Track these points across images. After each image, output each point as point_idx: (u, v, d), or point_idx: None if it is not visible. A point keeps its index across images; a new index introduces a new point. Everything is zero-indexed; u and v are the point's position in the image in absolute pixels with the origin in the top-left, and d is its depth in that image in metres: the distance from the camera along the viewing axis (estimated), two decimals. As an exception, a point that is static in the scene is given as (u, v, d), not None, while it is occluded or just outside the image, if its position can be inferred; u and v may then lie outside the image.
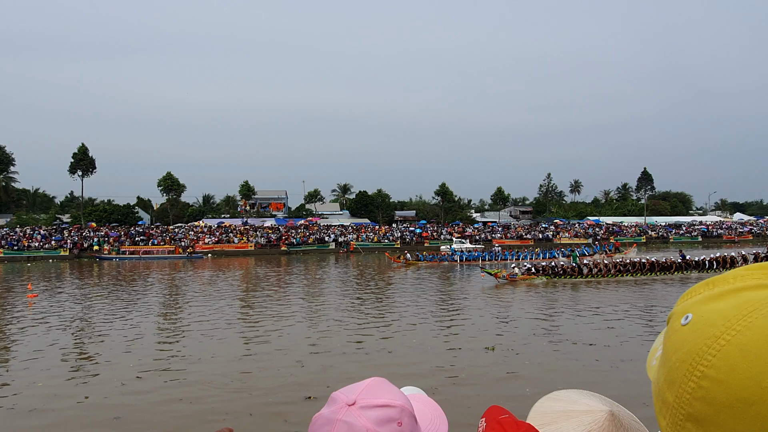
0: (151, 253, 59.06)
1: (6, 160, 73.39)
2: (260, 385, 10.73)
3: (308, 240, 67.04)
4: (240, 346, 14.57)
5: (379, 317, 18.99)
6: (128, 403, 9.79)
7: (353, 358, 13.07)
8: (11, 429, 8.67)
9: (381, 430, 1.01)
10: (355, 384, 1.11)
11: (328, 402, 1.08)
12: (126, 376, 11.51)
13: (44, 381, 11.38)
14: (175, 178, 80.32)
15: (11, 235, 61.07)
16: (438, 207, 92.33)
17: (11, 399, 10.27)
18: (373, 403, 1.04)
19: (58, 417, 9.15)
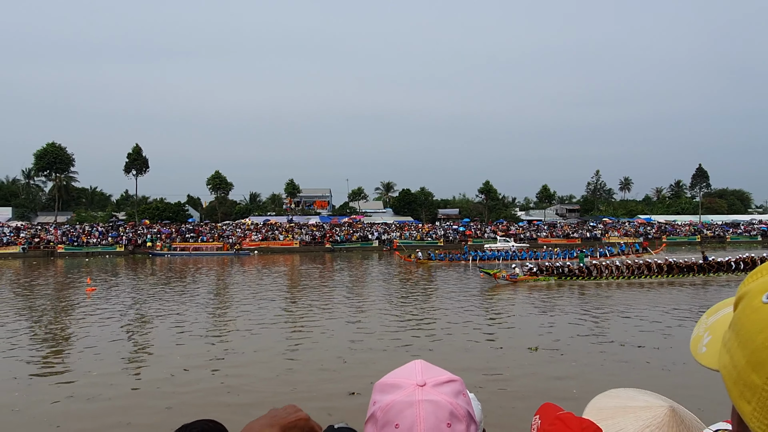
0: (200, 249, 60.92)
1: (67, 161, 77.05)
2: (304, 380, 10.91)
3: (352, 238, 67.60)
4: (284, 341, 14.85)
5: (419, 315, 18.98)
6: (178, 394, 10.14)
7: (394, 355, 13.10)
8: (70, 416, 9.12)
9: (457, 401, 1.04)
10: (400, 369, 1.11)
11: (384, 389, 1.07)
12: (175, 368, 11.92)
13: (99, 370, 11.91)
14: (223, 176, 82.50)
15: (72, 232, 64.24)
16: (482, 205, 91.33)
17: (70, 387, 10.81)
18: (441, 380, 1.06)
19: (113, 405, 9.57)
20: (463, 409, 1.05)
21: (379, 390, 1.09)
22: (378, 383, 1.10)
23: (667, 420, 1.19)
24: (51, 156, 74.80)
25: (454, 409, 1.03)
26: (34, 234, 62.80)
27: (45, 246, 59.92)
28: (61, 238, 61.66)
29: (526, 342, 14.25)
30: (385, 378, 1.10)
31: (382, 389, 1.08)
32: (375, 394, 1.09)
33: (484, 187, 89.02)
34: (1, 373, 11.71)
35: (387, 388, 1.07)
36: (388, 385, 1.08)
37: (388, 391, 1.07)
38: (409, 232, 71.79)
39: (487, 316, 18.66)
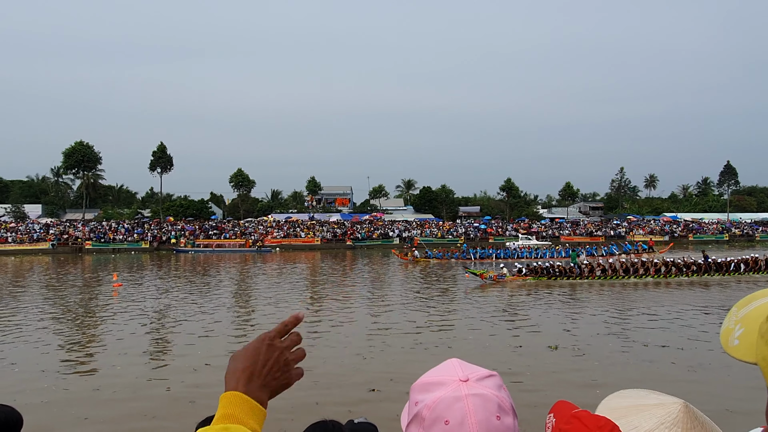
0: (223, 246, 61.72)
1: (94, 159, 78.69)
2: (325, 377, 11.02)
3: (373, 235, 67.77)
4: (304, 336, 14.98)
5: (436, 313, 18.97)
6: (201, 388, 10.33)
7: (413, 353, 13.13)
8: (97, 408, 9.37)
9: (502, 394, 1.05)
10: (437, 368, 1.11)
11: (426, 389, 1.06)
12: (198, 363, 12.14)
13: (123, 364, 12.18)
14: (245, 174, 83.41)
15: (99, 229, 65.68)
16: (503, 203, 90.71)
17: (96, 380, 11.08)
18: (482, 375, 1.07)
19: (138, 398, 9.79)
20: (508, 402, 1.05)
21: (420, 390, 1.08)
22: (417, 384, 1.09)
23: (681, 416, 1.17)
24: (79, 154, 76.47)
25: (501, 402, 1.03)
26: (63, 231, 64.35)
27: (73, 242, 61.36)
28: (89, 235, 63.07)
29: (545, 340, 14.15)
30: (423, 378, 1.09)
31: (424, 389, 1.07)
32: (416, 395, 1.08)
33: (506, 185, 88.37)
34: (30, 366, 12.06)
35: (429, 387, 1.06)
36: (429, 384, 1.07)
37: (431, 389, 1.06)
38: (430, 229, 71.68)
39: (502, 315, 18.57)
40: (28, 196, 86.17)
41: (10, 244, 59.24)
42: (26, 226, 66.11)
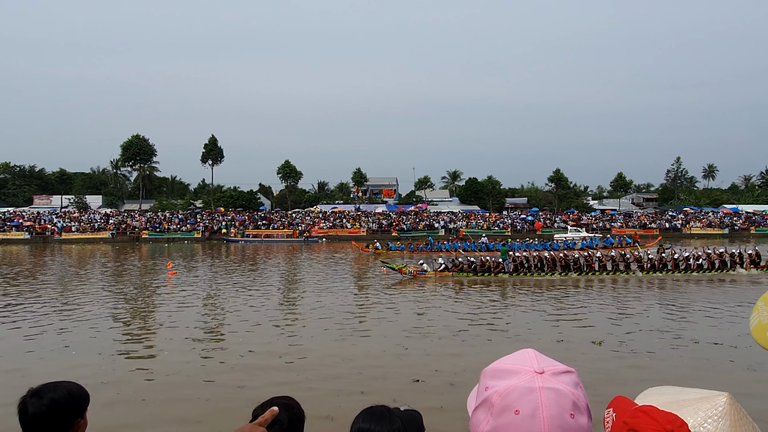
0: (271, 236, 63.07)
1: (150, 152, 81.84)
2: (369, 366, 11.17)
3: (418, 226, 67.72)
4: (348, 326, 15.19)
5: (476, 305, 18.84)
6: (249, 374, 10.67)
7: (453, 344, 13.11)
8: (152, 390, 9.82)
9: (578, 392, 1.02)
10: (511, 356, 1.08)
11: (498, 375, 1.04)
12: (246, 350, 12.51)
13: (176, 349, 12.66)
14: (292, 165, 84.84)
15: (154, 219, 68.37)
16: (551, 194, 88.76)
17: (150, 363, 11.59)
18: (559, 370, 1.04)
19: (190, 382, 10.18)
20: (584, 401, 1.02)
21: (492, 376, 1.06)
22: (489, 369, 1.08)
23: (728, 409, 1.13)
24: (135, 147, 79.69)
25: (576, 400, 1.00)
26: (121, 220, 67.32)
27: (131, 232, 64.10)
28: (145, 225, 65.75)
29: (591, 335, 13.82)
30: (496, 364, 1.07)
31: (495, 375, 1.05)
32: (487, 380, 1.06)
33: (555, 176, 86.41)
34: (89, 349, 12.71)
35: (501, 374, 1.04)
36: (502, 371, 1.05)
37: (503, 376, 1.04)
38: (476, 221, 70.98)
39: (553, 306, 18.24)
40: (90, 188, 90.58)
41: (74, 233, 62.46)
42: (88, 215, 69.54)
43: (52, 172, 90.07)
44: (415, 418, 2.00)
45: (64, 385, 1.96)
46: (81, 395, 1.95)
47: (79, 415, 1.92)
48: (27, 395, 1.90)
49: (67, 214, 70.53)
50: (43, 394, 1.88)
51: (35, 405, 1.86)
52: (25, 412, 1.86)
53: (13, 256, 42.84)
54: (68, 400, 1.90)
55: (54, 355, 12.20)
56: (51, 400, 1.86)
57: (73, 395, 1.93)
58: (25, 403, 1.88)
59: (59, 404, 1.88)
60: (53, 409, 1.86)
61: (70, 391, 1.93)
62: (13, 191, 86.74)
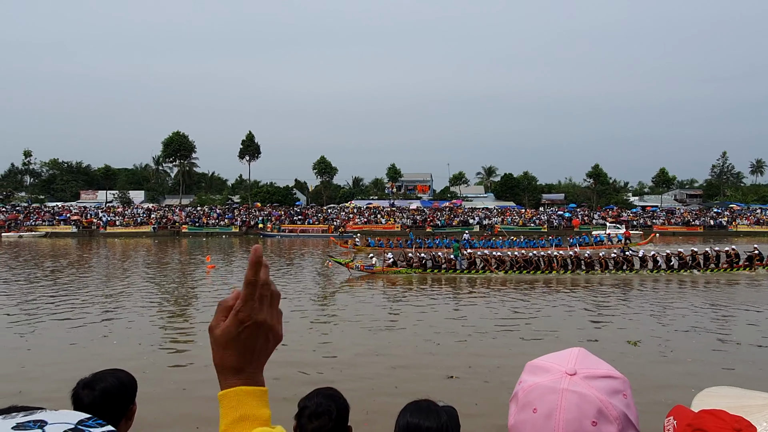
0: (307, 231, 63.84)
1: (189, 148, 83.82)
2: (401, 362, 11.22)
3: (453, 222, 67.39)
4: (382, 320, 15.28)
5: (511, 301, 18.64)
6: (284, 366, 10.85)
7: (486, 340, 13.05)
8: (192, 381, 10.09)
9: (612, 401, 0.95)
10: (556, 353, 1.05)
11: (533, 371, 1.02)
12: (286, 340, 12.73)
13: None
14: (328, 161, 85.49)
15: (194, 213, 70.08)
16: (590, 190, 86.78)
17: (189, 356, 11.90)
18: (596, 374, 0.98)
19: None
20: (618, 410, 0.94)
21: (528, 370, 1.05)
22: (529, 363, 1.06)
23: None
24: (176, 144, 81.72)
25: (604, 408, 0.93)
26: (162, 215, 69.24)
27: (171, 226, 65.86)
28: (185, 219, 67.45)
29: (626, 335, 13.48)
30: (537, 359, 1.06)
31: (532, 370, 1.03)
32: (524, 374, 1.05)
33: (593, 171, 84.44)
34: (130, 339, 13.14)
35: (536, 370, 1.03)
36: (537, 367, 1.03)
37: (536, 373, 1.02)
38: (511, 217, 70.15)
39: (587, 305, 17.91)
40: (133, 183, 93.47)
41: (118, 227, 64.62)
42: (131, 210, 71.77)
43: (98, 168, 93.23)
44: (453, 414, 2.02)
45: (114, 373, 2.06)
46: (130, 382, 2.05)
47: (130, 402, 2.02)
48: (78, 387, 1.99)
49: (112, 208, 72.96)
50: (94, 384, 1.97)
51: (87, 396, 1.94)
52: (80, 403, 1.94)
53: (61, 249, 44.64)
54: (119, 389, 1.99)
55: (95, 344, 12.67)
56: (102, 390, 1.96)
57: (123, 383, 2.02)
58: (78, 395, 1.97)
59: (111, 393, 1.96)
60: (106, 398, 1.94)
61: (120, 379, 2.03)
62: (62, 186, 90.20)
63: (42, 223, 64.35)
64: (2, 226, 62.13)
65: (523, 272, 26.09)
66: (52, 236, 59.75)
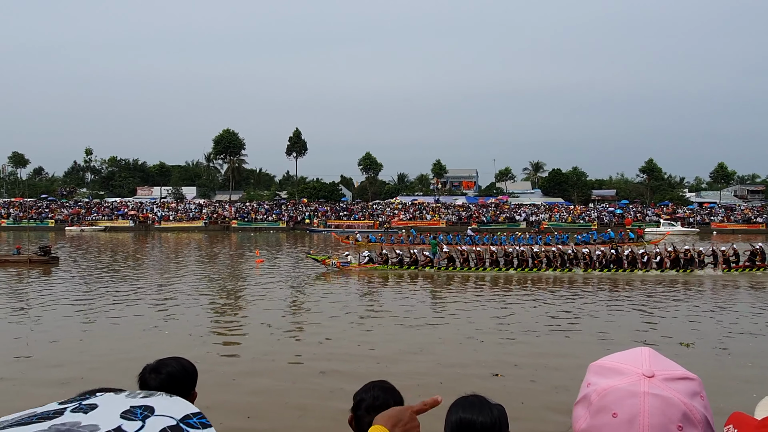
0: (352, 227, 64.37)
1: (239, 145, 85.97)
2: (444, 359, 11.19)
3: (499, 219, 66.51)
4: (425, 315, 15.28)
5: (557, 298, 18.24)
6: (330, 360, 11.02)
7: (530, 338, 12.83)
8: (240, 373, 10.39)
9: (693, 404, 0.91)
10: (622, 353, 1.01)
11: (602, 372, 0.98)
12: (324, 337, 12.93)
13: (262, 334, 13.32)
14: (373, 157, 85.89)
15: (243, 209, 71.89)
16: (643, 186, 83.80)
17: (237, 348, 12.26)
18: (674, 375, 0.94)
19: (276, 367, 10.66)
20: (700, 413, 0.91)
21: (596, 372, 0.99)
22: (595, 365, 1.01)
23: None
24: (226, 141, 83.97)
25: (689, 411, 0.90)
26: (213, 210, 71.36)
27: (222, 221, 67.79)
28: (235, 215, 69.29)
29: (679, 336, 12.94)
30: (603, 360, 1.01)
31: (600, 372, 0.98)
32: (590, 376, 1.00)
33: (647, 166, 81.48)
34: (180, 331, 13.60)
35: (606, 372, 0.97)
36: (607, 369, 0.98)
37: (607, 375, 0.96)
38: (559, 213, 68.61)
39: (635, 305, 17.33)
40: (185, 179, 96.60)
41: (171, 221, 67.06)
42: (184, 206, 74.31)
43: (153, 165, 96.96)
44: (503, 411, 2.01)
45: (177, 360, 2.19)
46: (192, 369, 2.18)
47: (192, 387, 2.14)
48: (146, 371, 2.12)
49: (166, 204, 75.74)
50: (160, 369, 2.11)
51: (155, 380, 2.06)
52: (147, 387, 2.06)
53: (119, 243, 46.72)
54: (183, 374, 2.12)
55: (147, 335, 13.20)
56: (168, 374, 2.09)
57: (187, 369, 2.15)
58: (145, 379, 2.09)
59: (176, 377, 2.09)
60: (171, 382, 2.06)
61: (184, 365, 2.16)
62: (120, 183, 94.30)
63: (102, 217, 67.49)
64: (66, 220, 65.54)
65: (503, 269, 25.54)
66: (111, 230, 62.57)
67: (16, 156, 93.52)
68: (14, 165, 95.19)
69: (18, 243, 34.04)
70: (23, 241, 40.77)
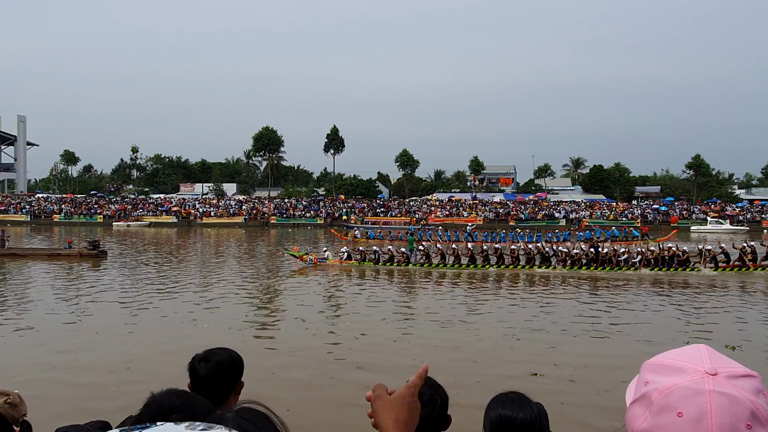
0: (389, 224, 64.49)
1: (278, 142, 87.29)
2: (482, 354, 11.11)
3: (537, 216, 65.43)
4: (459, 313, 15.18)
5: (598, 296, 17.81)
6: (368, 355, 11.09)
7: (567, 337, 12.58)
8: (279, 366, 10.54)
9: (759, 401, 0.88)
10: (679, 351, 0.98)
11: (660, 371, 0.94)
12: (360, 332, 13.01)
13: (298, 329, 13.48)
14: (410, 154, 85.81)
15: (282, 205, 72.97)
16: (689, 182, 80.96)
17: (275, 342, 12.47)
18: (737, 372, 0.91)
19: (312, 360, 10.79)
20: (766, 410, 0.88)
21: (653, 370, 0.96)
22: (651, 363, 0.98)
23: None
24: (265, 138, 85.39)
25: (756, 409, 0.87)
26: (252, 206, 72.65)
27: (261, 217, 68.95)
28: (274, 211, 70.38)
29: (723, 338, 12.42)
30: (659, 358, 0.98)
31: (658, 370, 0.95)
32: (647, 374, 0.97)
33: (693, 162, 78.69)
34: (220, 324, 13.88)
35: (665, 370, 0.94)
36: (666, 367, 0.95)
37: (666, 372, 0.93)
38: (601, 211, 66.94)
39: (680, 304, 16.76)
40: (226, 176, 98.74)
41: (213, 217, 68.65)
42: (225, 202, 75.93)
43: (195, 162, 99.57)
44: (543, 410, 1.98)
45: (225, 350, 2.26)
46: (239, 359, 2.25)
47: (239, 376, 2.20)
48: (195, 360, 2.18)
49: (207, 200, 77.57)
50: (209, 358, 2.17)
51: (204, 369, 2.13)
52: (197, 375, 2.13)
53: (163, 238, 48.16)
54: (231, 363, 2.19)
55: (188, 327, 13.56)
56: (217, 363, 2.15)
57: (234, 359, 2.22)
58: (195, 368, 2.15)
59: (225, 366, 2.15)
60: (221, 371, 2.13)
61: (231, 355, 2.24)
62: (164, 179, 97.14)
63: (146, 213, 69.65)
64: (113, 216, 67.93)
65: (479, 266, 25.07)
66: (155, 225, 64.52)
67: (67, 154, 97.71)
68: (66, 163, 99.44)
69: (69, 237, 35.50)
70: (74, 235, 42.50)
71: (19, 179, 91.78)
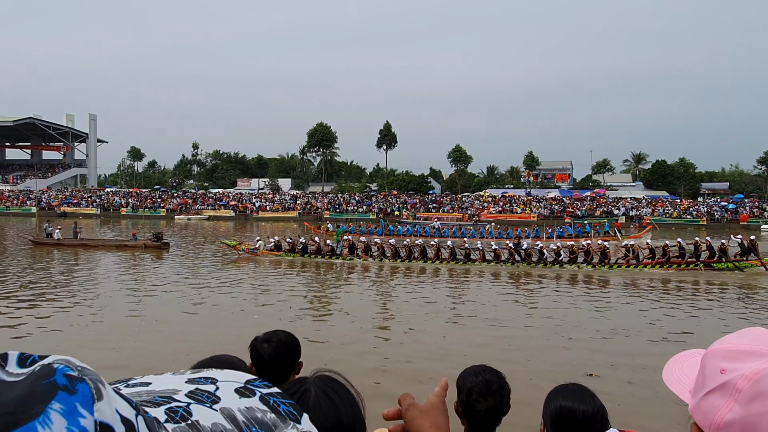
0: (442, 219, 64.16)
1: (331, 138, 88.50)
2: (534, 353, 10.90)
3: (595, 212, 63.39)
4: (510, 312, 14.93)
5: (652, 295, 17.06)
6: (419, 350, 11.08)
7: (621, 338, 12.10)
8: (330, 360, 10.70)
9: None
10: (739, 335, 0.93)
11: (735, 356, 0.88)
12: (409, 326, 13.04)
13: (347, 323, 13.66)
14: (463, 150, 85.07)
15: (335, 200, 73.97)
16: (761, 178, 76.31)
17: (325, 334, 12.65)
18: None
19: (366, 351, 10.93)
20: None
21: (727, 357, 0.89)
22: (718, 350, 0.92)
23: None
24: (319, 134, 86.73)
25: None
26: (306, 201, 74.03)
27: (314, 212, 70.17)
28: (327, 206, 71.46)
29: None
30: (725, 344, 0.92)
31: (733, 356, 0.87)
32: (720, 362, 0.89)
33: (766, 157, 74.07)
34: (270, 315, 14.24)
35: (741, 356, 0.87)
36: (740, 352, 0.87)
37: (744, 358, 0.86)
38: (663, 208, 64.14)
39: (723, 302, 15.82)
40: (281, 171, 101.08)
41: (268, 211, 70.45)
42: (279, 197, 77.73)
43: (252, 158, 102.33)
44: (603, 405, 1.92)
45: (284, 332, 2.35)
46: (297, 340, 2.33)
47: (299, 356, 2.28)
48: (257, 341, 2.27)
49: (263, 195, 79.60)
50: (271, 338, 2.26)
51: (267, 349, 2.21)
52: (260, 356, 2.21)
53: (221, 231, 49.81)
54: (292, 342, 2.29)
55: (241, 317, 14.01)
56: (279, 341, 2.25)
57: (294, 339, 2.32)
58: (257, 349, 2.23)
59: (287, 346, 2.24)
60: (283, 351, 2.22)
61: (290, 336, 2.33)
62: (222, 175, 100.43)
63: (206, 207, 72.23)
64: (175, 209, 70.86)
65: (409, 261, 25.45)
66: (214, 219, 66.81)
67: (133, 150, 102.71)
68: (132, 159, 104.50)
69: (134, 230, 37.37)
70: (139, 228, 44.61)
71: (90, 174, 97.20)
